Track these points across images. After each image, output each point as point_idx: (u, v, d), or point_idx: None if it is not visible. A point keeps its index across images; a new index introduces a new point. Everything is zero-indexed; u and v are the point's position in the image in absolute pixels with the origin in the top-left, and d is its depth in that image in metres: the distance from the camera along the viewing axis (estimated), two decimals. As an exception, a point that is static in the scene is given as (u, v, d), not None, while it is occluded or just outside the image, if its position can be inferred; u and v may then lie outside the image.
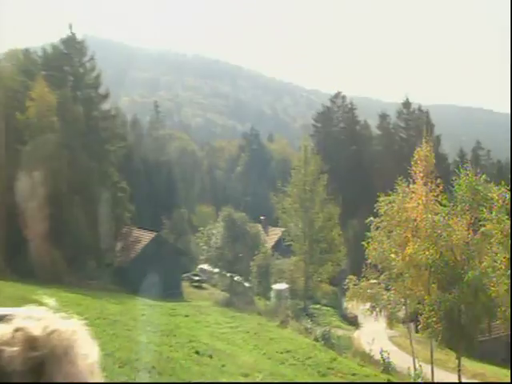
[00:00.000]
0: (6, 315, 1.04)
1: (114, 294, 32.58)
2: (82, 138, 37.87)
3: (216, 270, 41.25)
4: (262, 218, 52.82)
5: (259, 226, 49.48)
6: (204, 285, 44.49)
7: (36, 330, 1.01)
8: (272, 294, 37.75)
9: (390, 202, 22.89)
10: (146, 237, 40.31)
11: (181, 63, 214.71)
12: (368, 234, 23.63)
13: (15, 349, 0.97)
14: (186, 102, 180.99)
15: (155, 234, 41.06)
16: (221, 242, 37.51)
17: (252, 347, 22.64)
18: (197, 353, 17.71)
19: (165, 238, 44.40)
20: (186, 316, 29.25)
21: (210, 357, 17.68)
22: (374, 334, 30.00)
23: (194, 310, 32.36)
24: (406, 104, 68.92)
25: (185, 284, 42.75)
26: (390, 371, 23.68)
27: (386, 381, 20.51)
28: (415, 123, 67.28)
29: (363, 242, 23.47)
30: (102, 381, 1.03)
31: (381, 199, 23.11)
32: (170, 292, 36.79)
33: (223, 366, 16.93)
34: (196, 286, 43.90)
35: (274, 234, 52.43)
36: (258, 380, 15.63)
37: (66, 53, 40.46)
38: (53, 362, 0.98)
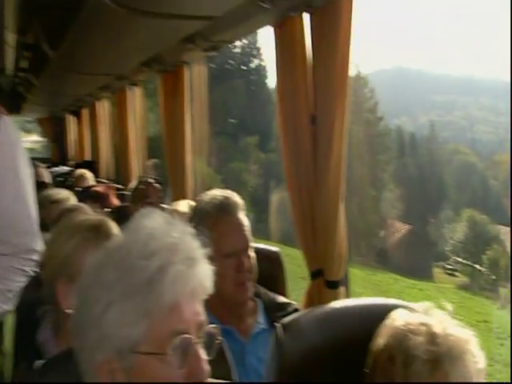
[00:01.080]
0: (404, 306, 1.13)
1: (372, 269, 36.39)
2: (359, 151, 42.97)
3: (459, 259, 42.39)
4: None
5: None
6: (457, 273, 45.30)
7: (437, 327, 1.03)
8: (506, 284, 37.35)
9: None
10: (404, 228, 43.46)
11: (478, 86, 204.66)
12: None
13: (420, 338, 1.01)
14: (480, 121, 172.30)
15: (411, 227, 43.92)
16: (463, 238, 39.14)
17: (454, 314, 24.48)
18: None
19: (422, 231, 46.74)
20: (420, 289, 31.59)
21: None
22: None
23: (431, 287, 34.28)
24: None
25: (438, 271, 44.30)
26: None
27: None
28: None
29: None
30: None
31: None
32: (421, 273, 39.19)
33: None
34: (449, 274, 45.03)
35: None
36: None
37: (354, 87, 46.33)
38: (449, 360, 0.98)
